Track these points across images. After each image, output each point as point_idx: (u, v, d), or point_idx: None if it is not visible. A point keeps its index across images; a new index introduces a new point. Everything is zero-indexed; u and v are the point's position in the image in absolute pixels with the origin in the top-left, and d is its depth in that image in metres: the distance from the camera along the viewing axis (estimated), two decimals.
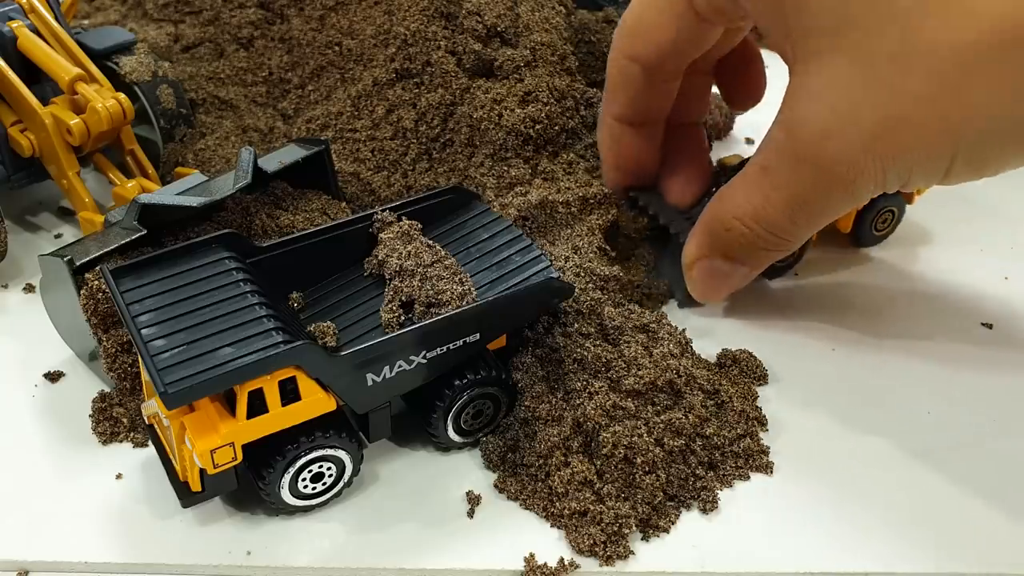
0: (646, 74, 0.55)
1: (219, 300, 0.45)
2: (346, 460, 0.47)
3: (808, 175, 0.46)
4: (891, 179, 0.44)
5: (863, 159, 0.43)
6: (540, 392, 0.49)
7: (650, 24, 0.54)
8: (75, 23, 0.77)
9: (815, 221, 0.49)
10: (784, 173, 0.47)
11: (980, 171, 0.44)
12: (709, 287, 0.54)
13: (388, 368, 0.46)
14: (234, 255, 0.48)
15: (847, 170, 0.44)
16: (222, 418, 0.43)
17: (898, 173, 0.44)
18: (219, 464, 0.43)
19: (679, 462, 0.48)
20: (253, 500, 0.47)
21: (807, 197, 0.47)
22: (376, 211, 0.53)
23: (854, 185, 0.45)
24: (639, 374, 0.49)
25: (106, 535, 0.46)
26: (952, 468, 0.50)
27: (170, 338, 0.43)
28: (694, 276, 0.54)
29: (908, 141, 0.42)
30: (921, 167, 0.43)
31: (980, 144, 0.42)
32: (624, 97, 0.57)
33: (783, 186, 0.47)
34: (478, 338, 0.48)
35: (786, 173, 0.47)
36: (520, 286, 0.50)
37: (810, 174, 0.46)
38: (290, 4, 0.79)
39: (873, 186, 0.45)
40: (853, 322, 0.60)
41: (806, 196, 0.47)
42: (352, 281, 0.52)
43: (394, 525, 0.47)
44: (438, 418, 0.49)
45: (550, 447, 0.48)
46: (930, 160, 0.43)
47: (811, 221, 0.48)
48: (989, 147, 0.42)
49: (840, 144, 0.44)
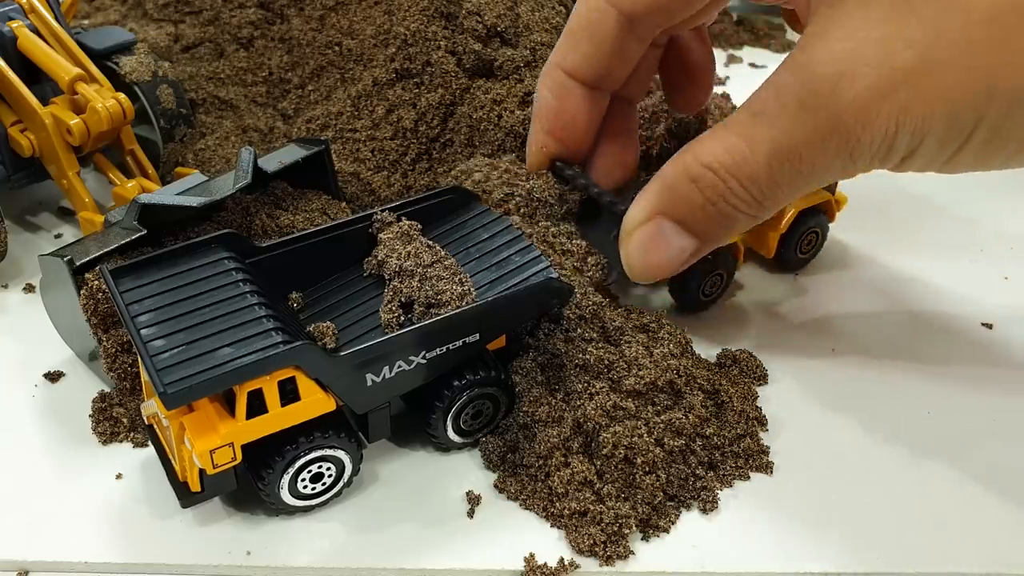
0: (625, 25, 0.50)
1: (218, 300, 0.45)
2: (346, 460, 0.47)
3: (809, 123, 0.40)
4: (901, 140, 0.40)
5: (879, 109, 0.39)
6: (539, 395, 0.49)
7: None
8: (75, 23, 0.77)
9: (799, 182, 0.43)
10: (781, 119, 0.41)
11: (997, 151, 0.40)
12: (650, 258, 0.47)
13: (388, 368, 0.46)
14: (234, 255, 0.48)
15: (856, 121, 0.39)
16: (221, 418, 0.43)
17: (911, 133, 0.39)
18: (218, 464, 0.43)
19: (679, 462, 0.48)
20: (253, 500, 0.47)
21: (800, 149, 0.41)
22: (376, 211, 0.53)
23: (858, 142, 0.40)
24: (640, 374, 0.49)
25: (106, 535, 0.46)
26: (952, 468, 0.50)
27: (169, 338, 0.43)
28: (633, 243, 0.47)
29: (936, 93, 0.38)
30: (940, 129, 0.39)
31: (1012, 110, 0.38)
32: (589, 48, 0.50)
33: (775, 134, 0.41)
34: (478, 338, 0.48)
35: (783, 119, 0.41)
36: (520, 286, 0.49)
37: (812, 122, 0.40)
38: (290, 4, 0.79)
39: (878, 145, 0.40)
40: (853, 322, 0.60)
41: (799, 148, 0.41)
42: (352, 281, 0.52)
43: (394, 525, 0.47)
44: (437, 418, 0.49)
45: (550, 448, 0.48)
46: (953, 121, 0.39)
47: (794, 180, 0.43)
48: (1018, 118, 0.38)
49: (858, 89, 0.39)
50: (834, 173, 0.42)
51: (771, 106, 0.42)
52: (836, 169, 0.42)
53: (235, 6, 0.79)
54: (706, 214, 0.44)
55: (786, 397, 0.54)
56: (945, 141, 0.40)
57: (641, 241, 0.47)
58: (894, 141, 0.40)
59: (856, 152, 0.40)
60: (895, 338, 0.59)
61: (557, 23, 0.71)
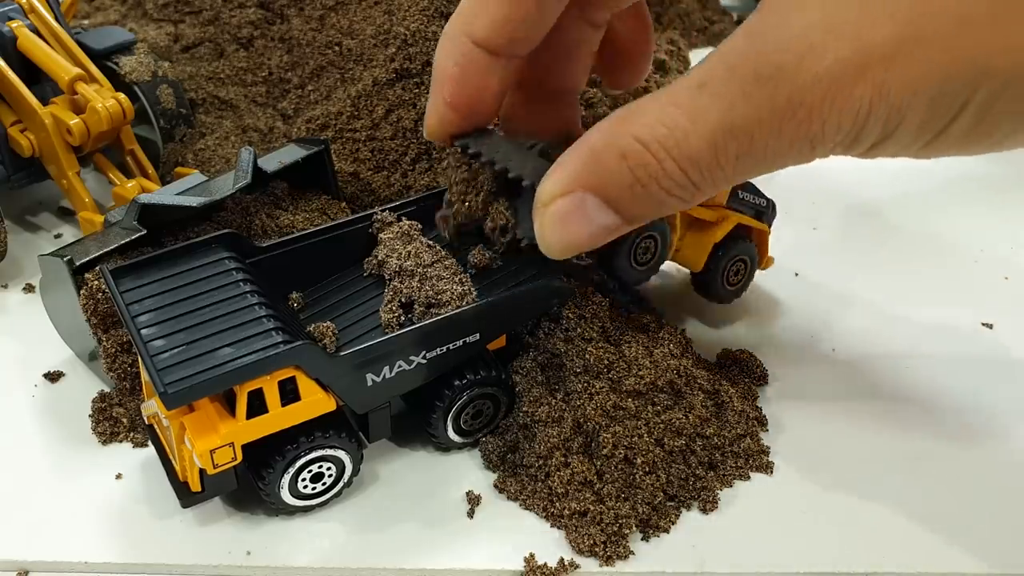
0: None
1: (219, 300, 0.45)
2: (346, 460, 0.47)
3: (764, 99, 0.34)
4: (873, 124, 0.34)
5: (851, 89, 0.33)
6: (539, 395, 0.49)
7: None
8: (75, 23, 0.77)
9: (744, 165, 0.37)
10: (730, 91, 0.35)
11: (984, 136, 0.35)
12: (568, 234, 0.40)
13: (388, 368, 0.46)
14: (234, 255, 0.48)
15: (821, 101, 0.34)
16: (222, 418, 0.43)
17: (886, 116, 0.34)
18: (219, 464, 0.43)
19: (679, 462, 0.48)
20: (253, 500, 0.47)
21: (751, 129, 0.35)
22: (376, 211, 0.53)
23: (823, 125, 0.34)
24: (640, 374, 0.49)
25: (106, 535, 0.46)
26: (952, 468, 0.50)
27: (170, 338, 0.43)
28: (549, 216, 0.40)
29: (919, 71, 0.33)
30: (920, 112, 0.34)
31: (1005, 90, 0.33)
32: (497, 10, 0.44)
33: (723, 108, 0.35)
34: (478, 338, 0.48)
35: (733, 91, 0.35)
36: (520, 287, 0.49)
37: (767, 99, 0.34)
38: (290, 4, 0.79)
39: (847, 130, 0.35)
40: (853, 322, 0.60)
41: (750, 128, 0.35)
42: (352, 281, 0.52)
43: (394, 525, 0.47)
44: (438, 418, 0.49)
45: (550, 448, 0.48)
46: (936, 103, 0.34)
47: (740, 164, 0.36)
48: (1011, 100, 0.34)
49: (826, 64, 0.33)
50: (789, 159, 0.36)
51: (720, 76, 0.35)
52: (792, 155, 0.36)
53: (235, 6, 0.79)
54: (634, 194, 0.38)
55: (786, 397, 0.54)
56: (925, 125, 0.35)
57: (558, 215, 0.40)
58: (865, 125, 0.34)
59: (818, 137, 0.35)
60: (895, 338, 0.59)
61: None
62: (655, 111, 0.37)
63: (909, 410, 0.54)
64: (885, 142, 0.36)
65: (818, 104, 0.34)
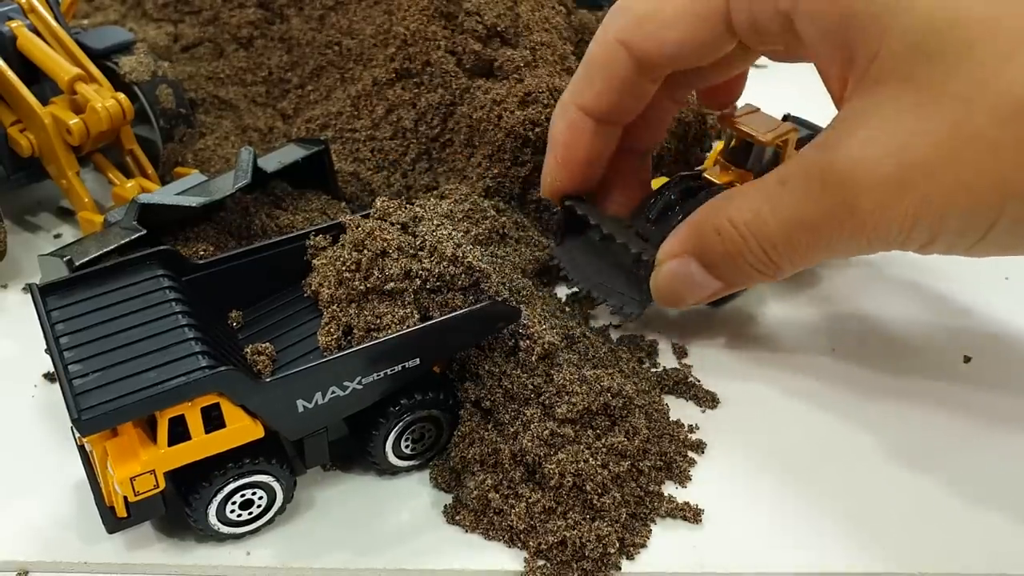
0: (637, 67, 0.51)
1: (147, 321, 0.44)
2: (276, 488, 0.45)
3: (827, 201, 0.42)
4: (919, 230, 0.41)
5: (897, 201, 0.40)
6: (470, 430, 0.47)
7: (667, 19, 0.48)
8: (75, 23, 0.77)
9: (813, 253, 0.44)
10: (802, 190, 0.43)
11: (1016, 244, 0.41)
12: (674, 290, 0.50)
13: (320, 394, 0.44)
14: (169, 273, 0.47)
15: (874, 208, 0.40)
16: (144, 445, 0.42)
17: (930, 224, 0.40)
18: (140, 492, 0.41)
19: (629, 481, 0.47)
20: None
21: (817, 223, 0.43)
22: (311, 231, 0.50)
23: (875, 228, 0.41)
24: (572, 401, 0.47)
25: (106, 535, 0.45)
26: (951, 468, 0.50)
27: (90, 361, 0.41)
28: (662, 273, 0.50)
29: (955, 186, 0.39)
30: (958, 221, 0.40)
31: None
32: (603, 86, 0.52)
33: (796, 203, 0.43)
34: (418, 363, 0.45)
35: (804, 191, 0.43)
36: (462, 309, 0.46)
37: (830, 201, 0.42)
38: (290, 4, 0.79)
39: (895, 234, 0.41)
40: (852, 322, 0.60)
41: (816, 222, 0.43)
42: (292, 301, 0.50)
43: (394, 525, 0.47)
44: (375, 445, 0.47)
45: (487, 489, 0.46)
46: (971, 214, 0.39)
47: (809, 251, 0.44)
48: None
49: (877, 176, 0.40)
50: (851, 251, 0.44)
51: (797, 178, 0.44)
52: (852, 248, 0.43)
53: (235, 6, 0.79)
54: (726, 263, 0.47)
55: (786, 398, 0.54)
56: (963, 233, 0.41)
57: (671, 272, 0.50)
58: (912, 231, 0.41)
59: (872, 236, 0.42)
60: (895, 338, 0.59)
61: (557, 23, 0.71)
62: (746, 199, 0.46)
63: (909, 410, 0.54)
64: (933, 244, 0.42)
65: (870, 210, 0.41)
